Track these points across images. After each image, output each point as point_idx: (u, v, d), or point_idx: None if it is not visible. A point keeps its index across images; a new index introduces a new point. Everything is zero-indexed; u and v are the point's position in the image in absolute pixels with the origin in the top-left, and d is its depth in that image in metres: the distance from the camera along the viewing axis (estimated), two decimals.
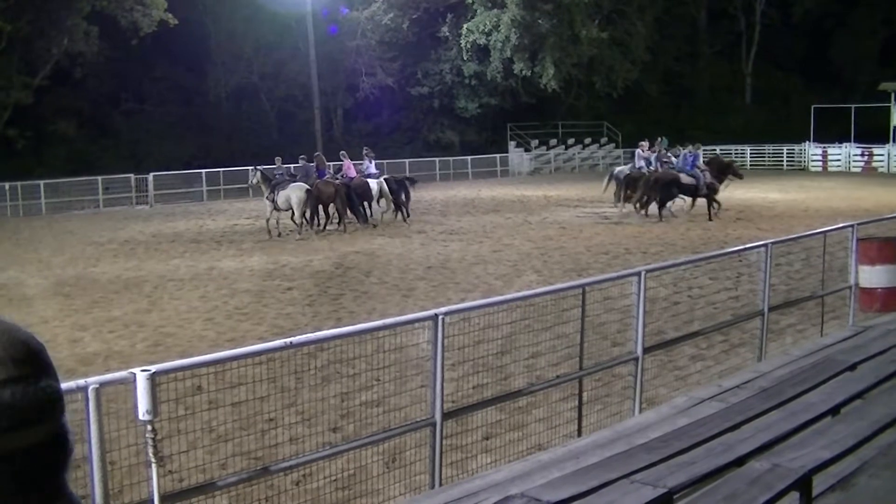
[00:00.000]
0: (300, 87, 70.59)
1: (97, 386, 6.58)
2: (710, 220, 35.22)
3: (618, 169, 42.46)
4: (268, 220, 34.02)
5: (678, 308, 16.17)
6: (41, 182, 48.14)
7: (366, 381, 11.29)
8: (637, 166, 39.25)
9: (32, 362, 1.45)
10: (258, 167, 36.36)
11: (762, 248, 13.98)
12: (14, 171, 43.54)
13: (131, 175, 51.27)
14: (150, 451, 6.67)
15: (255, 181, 35.20)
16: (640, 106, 75.43)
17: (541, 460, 8.92)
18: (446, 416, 9.24)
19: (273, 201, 34.03)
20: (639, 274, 11.58)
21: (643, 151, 39.99)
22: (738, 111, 79.50)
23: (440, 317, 8.99)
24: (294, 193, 33.95)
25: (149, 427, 6.65)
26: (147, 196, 51.08)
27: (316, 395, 10.93)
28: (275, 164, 36.88)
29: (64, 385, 1.45)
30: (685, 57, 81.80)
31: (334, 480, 9.41)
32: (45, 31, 59.36)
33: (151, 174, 50.41)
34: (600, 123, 76.81)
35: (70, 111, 65.74)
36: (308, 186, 33.97)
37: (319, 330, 14.63)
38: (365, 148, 40.00)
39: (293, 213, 34.02)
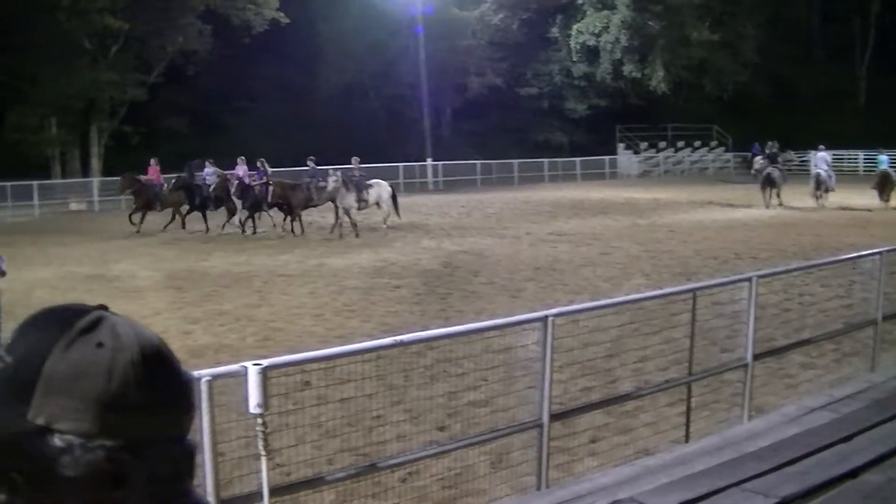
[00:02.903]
0: (409, 86, 70.82)
1: (210, 378, 6.66)
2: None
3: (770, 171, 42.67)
4: (351, 220, 34.31)
5: (788, 315, 15.92)
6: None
7: (473, 381, 11.28)
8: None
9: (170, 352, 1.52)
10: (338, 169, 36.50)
11: (876, 256, 13.72)
12: (128, 165, 44.15)
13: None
14: (261, 444, 6.74)
15: (335, 184, 34.99)
16: (750, 109, 74.32)
17: (648, 465, 8.86)
18: (554, 417, 9.20)
19: (363, 200, 34.30)
20: (750, 279, 11.43)
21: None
22: (851, 115, 77.75)
23: (550, 318, 8.95)
24: (385, 190, 34.38)
25: (259, 420, 6.72)
26: None
27: (423, 393, 10.97)
28: (352, 164, 36.84)
29: None
30: (796, 60, 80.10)
31: (440, 479, 9.42)
32: (161, 29, 60.37)
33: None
34: (709, 126, 76.00)
35: (182, 108, 66.72)
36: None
37: (427, 329, 14.68)
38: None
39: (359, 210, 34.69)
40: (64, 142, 59.82)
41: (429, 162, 64.68)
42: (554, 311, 9.37)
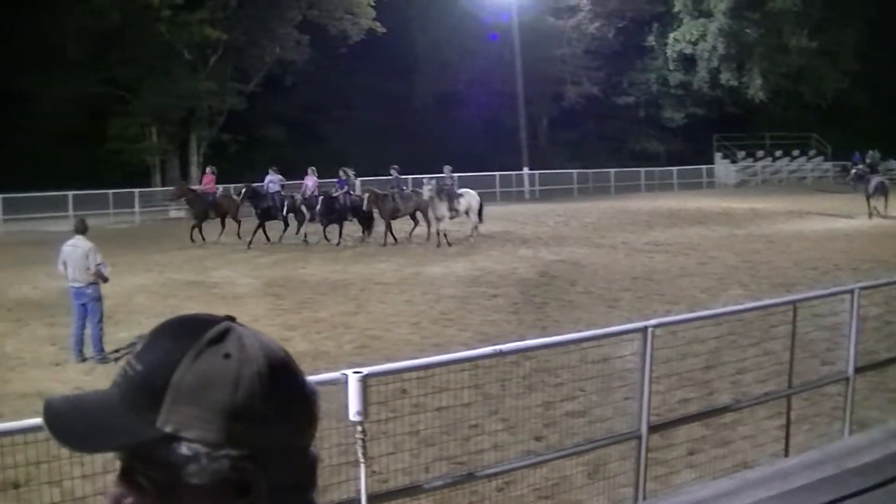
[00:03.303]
0: (505, 95, 70.82)
1: None
2: None
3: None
4: (439, 230, 34.30)
5: (891, 328, 15.67)
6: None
7: (570, 391, 11.27)
8: None
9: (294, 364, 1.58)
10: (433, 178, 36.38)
11: None
12: (225, 174, 44.71)
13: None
14: (360, 451, 6.79)
15: (430, 193, 34.74)
16: (850, 117, 73.11)
17: (747, 479, 8.78)
18: (652, 429, 9.17)
19: (454, 209, 34.29)
20: (852, 291, 11.28)
21: None
22: None
23: (650, 329, 8.92)
24: (474, 199, 34.43)
25: (359, 428, 6.77)
26: None
27: (520, 403, 10.98)
28: (444, 173, 36.66)
29: None
30: None
31: (537, 489, 9.43)
32: (259, 39, 60.98)
33: (358, 180, 51.33)
34: (808, 135, 75.05)
35: (280, 117, 67.33)
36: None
37: (524, 338, 14.67)
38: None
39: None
40: (164, 150, 60.65)
41: (525, 171, 64.63)
42: (653, 321, 9.32)
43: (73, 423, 1.47)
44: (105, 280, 17.69)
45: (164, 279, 26.60)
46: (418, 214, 35.87)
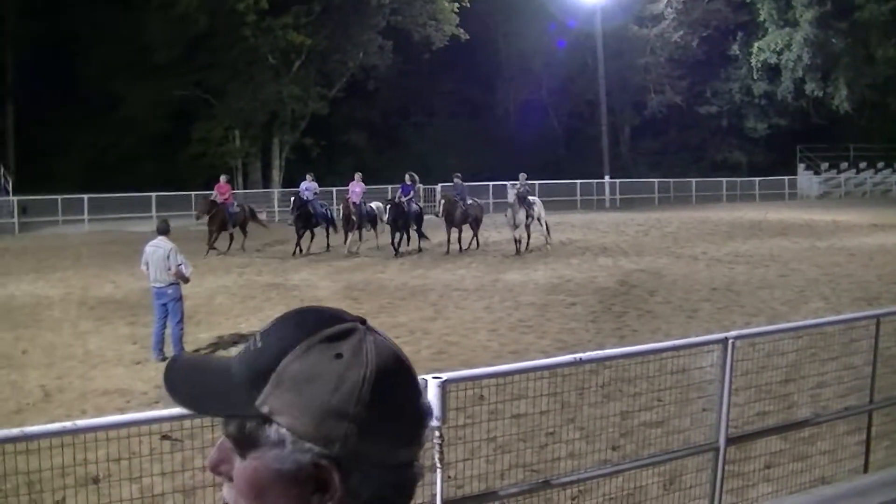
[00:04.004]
0: (587, 103, 70.87)
1: None
2: None
3: None
4: (518, 236, 34.17)
5: None
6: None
7: (647, 401, 11.23)
8: None
9: (414, 381, 1.62)
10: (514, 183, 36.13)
11: None
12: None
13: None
14: (437, 456, 6.82)
15: (513, 198, 34.41)
16: None
17: (825, 494, 8.72)
18: (729, 441, 9.12)
19: (529, 216, 34.18)
20: None
21: None
22: None
23: (730, 340, 8.87)
24: (541, 206, 34.40)
25: (436, 433, 6.80)
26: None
27: (596, 412, 10.96)
28: (519, 181, 36.25)
29: None
30: None
31: (612, 498, 9.40)
32: (342, 45, 61.46)
33: (439, 185, 51.40)
34: (894, 147, 74.03)
35: (361, 122, 67.83)
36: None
37: (602, 347, 14.66)
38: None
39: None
40: (247, 153, 61.33)
41: (606, 179, 64.45)
42: (734, 333, 9.26)
43: (186, 382, 1.56)
44: (186, 281, 17.92)
45: (245, 280, 26.87)
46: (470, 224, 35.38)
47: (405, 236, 34.63)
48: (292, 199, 35.93)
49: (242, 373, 1.53)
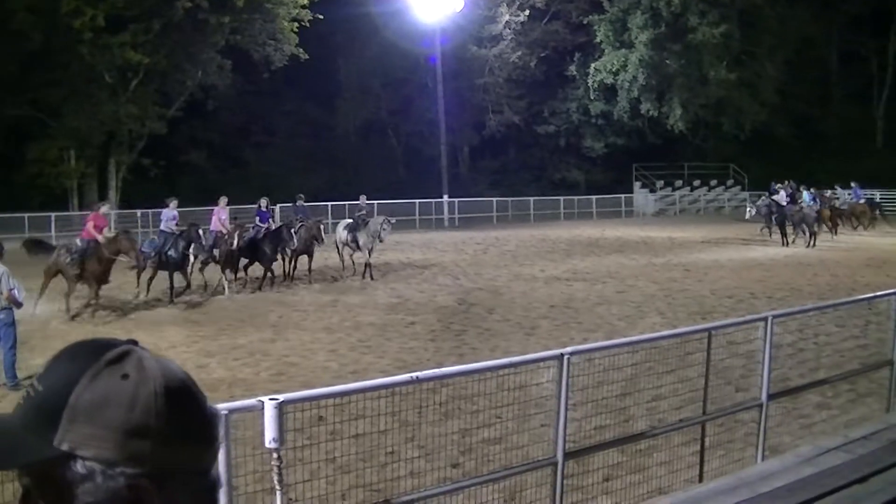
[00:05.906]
0: (427, 123, 71.17)
1: (227, 412, 6.65)
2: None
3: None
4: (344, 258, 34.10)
5: (804, 355, 15.83)
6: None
7: (486, 419, 11.25)
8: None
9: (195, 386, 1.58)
10: None
11: (892, 297, 13.68)
12: (146, 198, 44.44)
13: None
14: (276, 478, 6.74)
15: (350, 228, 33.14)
16: (769, 149, 74.01)
17: None
18: (568, 455, 9.19)
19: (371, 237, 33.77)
20: (766, 319, 11.42)
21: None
22: (869, 155, 77.07)
23: (566, 356, 8.96)
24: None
25: (275, 455, 6.72)
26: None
27: (436, 430, 10.95)
28: (359, 201, 35.36)
29: None
30: (815, 100, 79.53)
31: None
32: (181, 64, 60.75)
33: (279, 206, 51.11)
34: (727, 165, 75.95)
35: (201, 142, 67.21)
36: None
37: (442, 365, 14.68)
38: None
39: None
40: (82, 174, 60.11)
41: (445, 198, 64.71)
42: (570, 349, 9.37)
43: None
44: (19, 305, 17.44)
45: (81, 304, 26.24)
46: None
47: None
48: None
49: (31, 419, 1.47)
